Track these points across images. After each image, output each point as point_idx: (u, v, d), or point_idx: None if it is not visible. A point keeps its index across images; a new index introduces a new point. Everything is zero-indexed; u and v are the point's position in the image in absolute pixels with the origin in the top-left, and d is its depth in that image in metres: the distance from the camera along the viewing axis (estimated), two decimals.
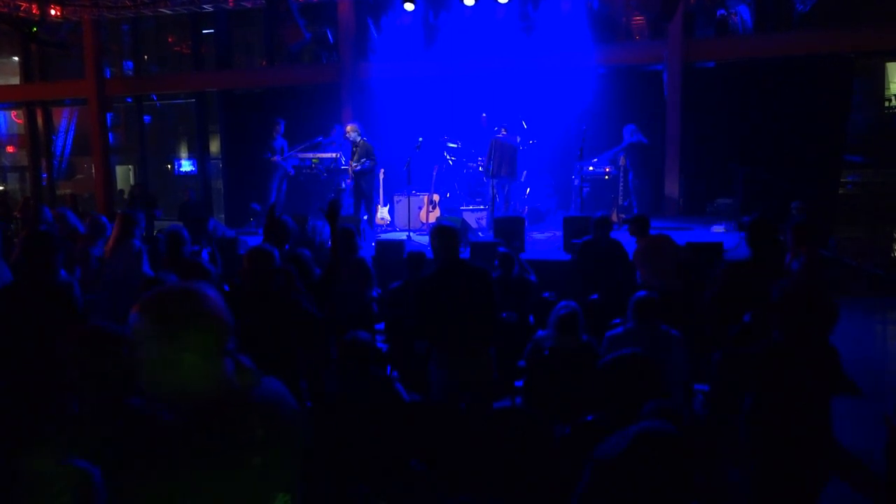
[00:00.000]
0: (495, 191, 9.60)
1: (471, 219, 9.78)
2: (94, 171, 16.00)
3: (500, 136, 9.60)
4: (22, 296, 3.59)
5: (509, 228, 8.13)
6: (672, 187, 11.34)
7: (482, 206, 10.29)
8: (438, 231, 3.99)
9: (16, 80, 16.90)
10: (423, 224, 10.19)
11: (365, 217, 9.70)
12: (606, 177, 10.51)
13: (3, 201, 13.26)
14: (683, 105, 11.33)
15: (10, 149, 18.34)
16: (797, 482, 2.99)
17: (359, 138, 9.69)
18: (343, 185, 10.41)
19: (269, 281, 3.53)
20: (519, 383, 4.71)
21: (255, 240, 8.50)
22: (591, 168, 10.53)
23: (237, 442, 1.38)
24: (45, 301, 3.57)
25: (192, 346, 1.38)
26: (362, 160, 9.55)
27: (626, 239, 6.52)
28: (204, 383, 1.40)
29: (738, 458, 3.27)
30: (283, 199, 11.12)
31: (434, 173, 10.70)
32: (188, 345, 1.37)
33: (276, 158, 10.65)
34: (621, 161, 10.03)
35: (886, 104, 12.66)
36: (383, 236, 9.39)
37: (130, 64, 16.48)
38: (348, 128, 9.88)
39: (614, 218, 10.29)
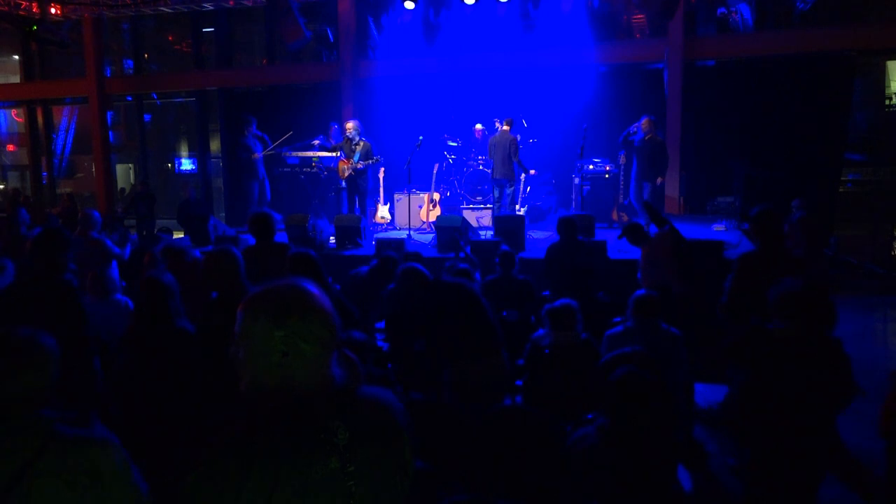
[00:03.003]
0: (497, 192, 9.51)
1: (471, 217, 9.75)
2: (94, 169, 16.01)
3: (496, 133, 9.46)
4: (24, 295, 3.59)
5: (509, 227, 8.13)
6: (672, 185, 11.33)
7: (483, 205, 10.27)
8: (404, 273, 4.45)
9: (16, 79, 16.91)
10: (423, 223, 10.19)
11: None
12: (607, 175, 10.50)
13: (13, 200, 13.24)
14: (684, 103, 11.32)
15: (10, 147, 18.33)
16: (794, 477, 3.00)
17: (358, 137, 9.70)
18: (343, 185, 10.42)
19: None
20: (519, 382, 4.71)
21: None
22: (591, 167, 10.53)
23: (316, 441, 1.36)
24: (47, 300, 3.57)
25: (304, 337, 1.39)
26: (359, 161, 9.57)
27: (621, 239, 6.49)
28: (308, 378, 1.39)
29: (736, 450, 3.27)
30: (269, 197, 11.10)
31: (434, 172, 10.70)
32: (301, 336, 1.39)
33: (255, 157, 10.64)
34: (622, 160, 10.00)
35: (887, 102, 12.63)
36: (383, 234, 9.38)
37: (131, 62, 16.46)
38: (349, 125, 9.88)
39: (615, 217, 10.29)
